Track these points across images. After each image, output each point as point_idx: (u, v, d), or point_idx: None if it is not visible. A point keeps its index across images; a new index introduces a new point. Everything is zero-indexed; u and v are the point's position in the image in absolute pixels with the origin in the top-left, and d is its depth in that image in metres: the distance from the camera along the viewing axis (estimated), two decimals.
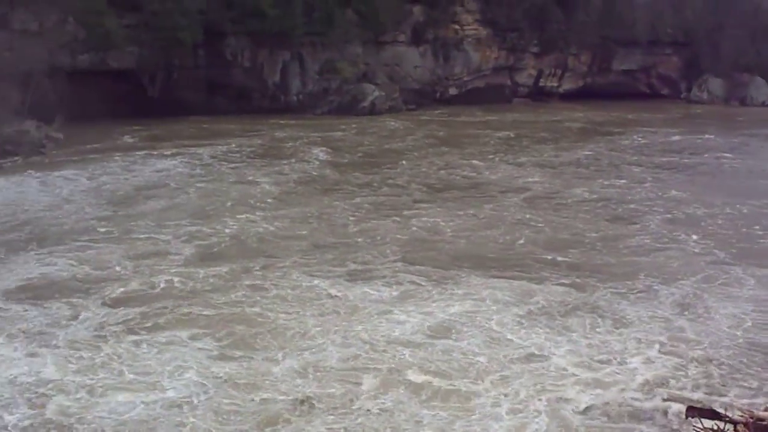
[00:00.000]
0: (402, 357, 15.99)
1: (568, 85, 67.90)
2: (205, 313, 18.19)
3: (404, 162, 38.04)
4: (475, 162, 38.20)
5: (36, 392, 14.36)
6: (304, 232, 25.41)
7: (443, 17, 60.52)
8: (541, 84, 66.72)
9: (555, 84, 67.30)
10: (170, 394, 14.35)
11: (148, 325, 17.56)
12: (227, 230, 25.40)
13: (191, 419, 13.59)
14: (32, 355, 15.96)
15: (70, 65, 46.93)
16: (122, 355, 15.93)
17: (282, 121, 49.47)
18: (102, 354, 15.98)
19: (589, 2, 65.40)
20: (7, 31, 44.38)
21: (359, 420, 13.65)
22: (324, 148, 40.63)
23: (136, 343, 16.49)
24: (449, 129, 49.76)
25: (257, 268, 21.55)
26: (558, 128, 51.07)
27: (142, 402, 14.05)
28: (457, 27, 61.33)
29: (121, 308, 18.47)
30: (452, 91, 62.16)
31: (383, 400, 14.26)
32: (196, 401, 14.13)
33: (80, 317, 17.88)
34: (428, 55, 60.67)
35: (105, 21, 47.76)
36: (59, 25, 46.65)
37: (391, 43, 59.06)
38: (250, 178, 33.60)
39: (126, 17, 49.24)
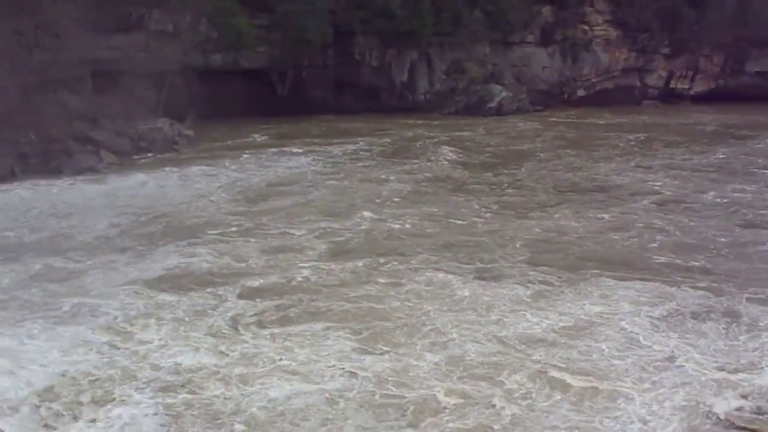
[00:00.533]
0: (542, 356, 15.95)
1: (699, 87, 66.35)
2: (343, 307, 18.46)
3: (532, 163, 37.82)
4: (603, 164, 37.76)
5: (193, 379, 14.81)
6: (433, 230, 25.52)
7: (572, 18, 59.96)
8: (671, 86, 65.37)
9: (686, 86, 65.88)
10: (322, 386, 14.57)
11: (289, 317, 17.95)
12: (358, 227, 25.71)
13: (347, 413, 13.76)
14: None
15: (203, 65, 48.19)
16: (269, 346, 16.29)
17: (409, 121, 49.70)
18: (249, 344, 16.38)
19: (723, 2, 63.77)
20: (143, 32, 45.81)
21: (510, 419, 13.64)
22: (452, 148, 40.70)
23: (281, 335, 16.84)
24: (577, 131, 49.27)
25: (389, 264, 21.74)
26: (689, 131, 50.04)
27: (296, 393, 14.28)
28: (586, 27, 60.65)
29: (261, 300, 18.92)
30: (580, 92, 61.50)
31: (532, 400, 14.24)
32: (349, 395, 14.29)
33: (223, 307, 18.40)
34: (556, 55, 60.18)
35: (237, 22, 48.82)
36: (193, 26, 47.91)
37: (518, 43, 58.80)
38: (381, 176, 33.96)
39: (257, 18, 50.26)
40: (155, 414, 13.57)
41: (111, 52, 42.93)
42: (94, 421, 13.37)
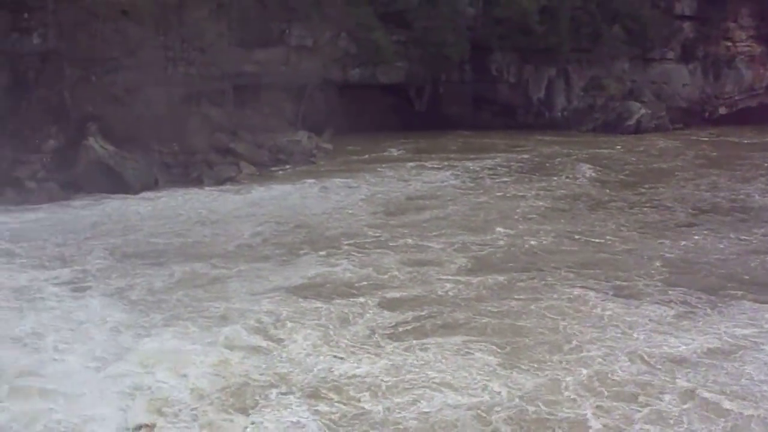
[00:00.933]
0: (692, 377, 15.71)
1: None
2: (482, 321, 18.55)
3: (671, 182, 37.11)
4: (746, 184, 36.73)
5: (343, 387, 15.12)
6: (570, 248, 25.39)
7: (715, 33, 58.47)
8: None
9: None
10: (472, 399, 14.62)
11: (431, 329, 18.15)
12: (496, 242, 25.75)
13: (500, 427, 13.78)
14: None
15: (342, 79, 48.86)
16: (414, 356, 16.49)
17: (546, 138, 49.20)
18: (395, 354, 16.62)
19: None
20: (284, 47, 46.78)
21: None
22: (590, 166, 40.24)
23: (425, 347, 17.01)
24: (719, 150, 48.02)
25: (528, 280, 21.76)
26: None
27: (446, 406, 14.36)
28: (729, 44, 59.04)
29: (403, 311, 19.19)
30: (722, 110, 59.83)
31: (687, 424, 14.01)
32: (499, 410, 14.28)
33: (366, 316, 18.75)
34: (697, 72, 58.84)
35: (376, 37, 49.34)
36: (332, 41, 48.64)
37: (659, 60, 57.68)
38: (518, 192, 33.91)
39: (396, 33, 50.66)
40: (311, 421, 13.85)
41: (252, 66, 44.10)
42: (253, 424, 13.77)
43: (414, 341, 17.31)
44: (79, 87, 36.44)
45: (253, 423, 13.79)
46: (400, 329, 18.05)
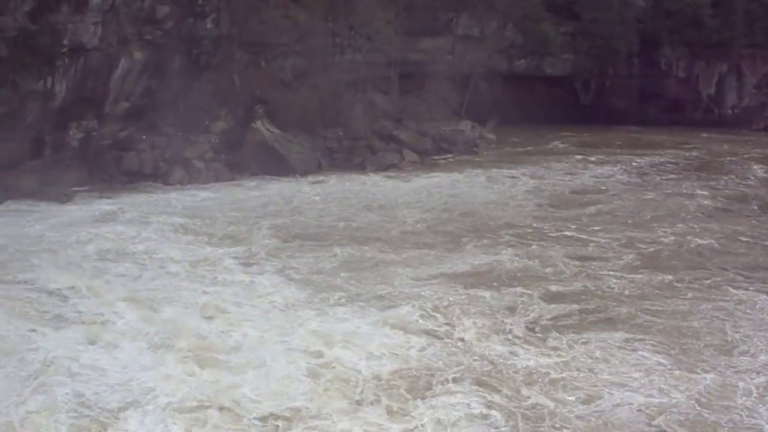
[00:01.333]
0: None
1: None
2: (648, 319, 18.46)
3: None
4: None
5: (512, 378, 15.31)
6: (739, 249, 24.83)
7: None
8: None
9: None
10: (645, 399, 14.58)
11: (594, 323, 18.21)
12: (662, 239, 25.44)
13: (676, 429, 13.72)
14: (501, 339, 17.12)
15: (507, 70, 48.65)
16: (580, 351, 16.61)
17: (714, 135, 47.83)
18: (561, 348, 16.73)
19: None
20: (450, 36, 46.94)
21: None
22: (760, 166, 38.88)
23: (589, 341, 17.10)
24: None
25: (695, 280, 21.42)
26: None
27: (617, 404, 14.40)
28: None
29: (566, 304, 19.29)
30: None
31: None
32: (674, 411, 14.20)
33: (532, 308, 18.93)
34: None
35: (543, 28, 48.99)
36: (499, 31, 48.50)
37: None
38: (686, 190, 33.25)
39: (563, 25, 50.20)
40: (484, 410, 14.06)
41: (418, 55, 44.38)
42: (430, 409, 14.05)
43: (581, 335, 17.37)
44: (248, 71, 37.58)
45: (430, 408, 14.06)
46: (566, 322, 18.15)
